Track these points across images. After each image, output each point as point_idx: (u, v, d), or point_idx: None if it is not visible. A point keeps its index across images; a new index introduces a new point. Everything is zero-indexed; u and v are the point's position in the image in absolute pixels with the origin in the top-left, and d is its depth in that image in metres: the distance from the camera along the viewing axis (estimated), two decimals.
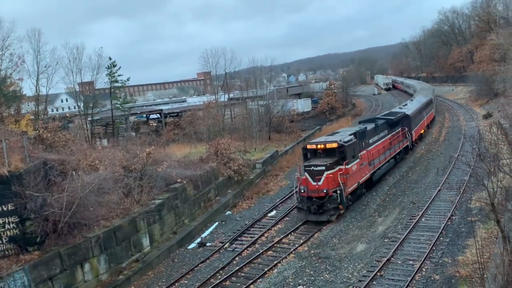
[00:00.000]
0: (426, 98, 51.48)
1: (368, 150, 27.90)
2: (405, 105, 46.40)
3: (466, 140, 36.61)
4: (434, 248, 18.79)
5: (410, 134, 37.36)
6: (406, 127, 36.23)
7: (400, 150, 34.48)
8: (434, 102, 56.85)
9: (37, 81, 42.21)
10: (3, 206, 16.47)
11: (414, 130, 38.90)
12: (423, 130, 45.00)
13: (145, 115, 69.10)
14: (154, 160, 25.55)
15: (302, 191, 24.05)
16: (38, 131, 25.80)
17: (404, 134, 35.48)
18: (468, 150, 25.90)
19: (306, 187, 23.80)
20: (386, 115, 36.67)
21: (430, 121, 50.12)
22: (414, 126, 39.14)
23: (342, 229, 22.57)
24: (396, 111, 39.53)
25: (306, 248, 20.76)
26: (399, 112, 38.31)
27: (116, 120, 52.48)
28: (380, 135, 30.65)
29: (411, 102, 47.72)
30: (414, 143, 39.46)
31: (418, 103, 46.31)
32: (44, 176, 18.07)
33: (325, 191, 23.24)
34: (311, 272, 18.27)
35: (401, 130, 34.79)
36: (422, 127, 44.13)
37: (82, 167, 20.64)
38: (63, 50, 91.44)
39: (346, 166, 24.21)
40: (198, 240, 23.42)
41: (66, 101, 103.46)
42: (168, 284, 18.70)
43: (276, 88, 75.40)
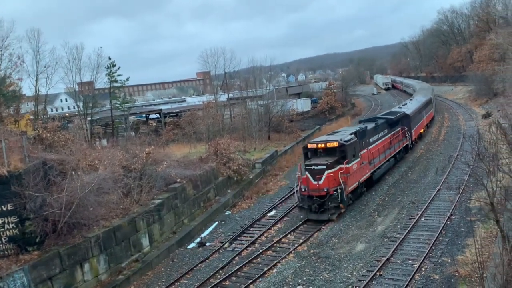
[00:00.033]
0: (426, 97, 51.53)
1: (368, 149, 27.93)
2: (404, 104, 46.41)
3: (466, 139, 36.72)
4: (433, 247, 18.81)
5: (410, 134, 37.41)
6: (406, 127, 36.27)
7: (400, 149, 34.54)
8: (433, 102, 56.91)
9: (36, 81, 42.27)
10: (3, 206, 16.47)
11: (413, 130, 38.97)
12: (423, 130, 45.07)
13: (144, 115, 69.07)
14: (153, 160, 25.55)
15: (303, 190, 24.09)
16: (37, 131, 25.76)
17: (404, 133, 35.51)
18: (467, 149, 25.96)
19: (307, 186, 23.85)
20: (386, 115, 36.69)
21: (429, 120, 50.20)
22: (413, 126, 39.21)
23: (341, 228, 22.58)
24: (396, 111, 39.58)
25: (305, 247, 20.77)
26: (399, 111, 38.35)
27: (115, 120, 52.47)
28: (380, 135, 30.69)
29: (411, 102, 47.74)
30: (413, 143, 39.55)
31: (418, 103, 46.36)
32: (43, 176, 18.07)
33: (326, 190, 23.30)
34: (311, 271, 18.28)
35: (401, 129, 34.82)
36: (421, 127, 44.20)
37: (81, 167, 20.63)
38: (63, 50, 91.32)
39: (347, 165, 24.24)
40: (198, 240, 23.42)
41: (66, 101, 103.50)
42: (167, 284, 18.70)
43: (275, 88, 75.40)
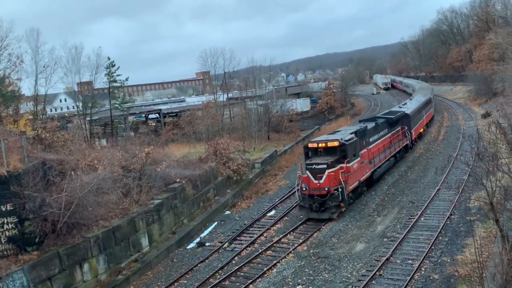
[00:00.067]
0: (425, 97, 51.58)
1: (368, 148, 27.97)
2: (404, 104, 46.45)
3: (465, 139, 36.83)
4: (433, 247, 18.80)
5: (410, 133, 37.45)
6: (406, 126, 36.30)
7: (400, 149, 34.59)
8: (433, 102, 56.98)
9: (35, 81, 42.14)
10: (2, 207, 16.46)
11: (413, 129, 39.02)
12: (423, 129, 45.12)
13: (144, 115, 69.02)
14: (153, 160, 25.55)
15: (303, 189, 24.16)
16: (36, 131, 25.74)
17: (404, 133, 35.56)
18: (467, 149, 26.01)
19: (307, 185, 23.92)
20: (386, 114, 36.72)
21: (429, 120, 50.27)
22: (413, 125, 39.25)
23: (341, 228, 22.57)
24: (395, 110, 39.63)
25: (305, 247, 20.76)
26: (399, 111, 38.39)
27: (115, 120, 52.47)
28: (380, 134, 30.73)
29: (411, 102, 47.78)
30: (413, 142, 39.59)
31: (417, 102, 46.39)
32: (42, 176, 18.07)
33: (326, 189, 23.37)
34: (310, 271, 18.27)
35: (401, 129, 34.86)
36: (421, 126, 44.24)
37: (81, 167, 20.60)
38: (62, 50, 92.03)
39: (347, 165, 24.29)
40: (197, 240, 23.40)
41: (65, 101, 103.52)
42: (167, 284, 18.69)
43: (275, 87, 75.45)
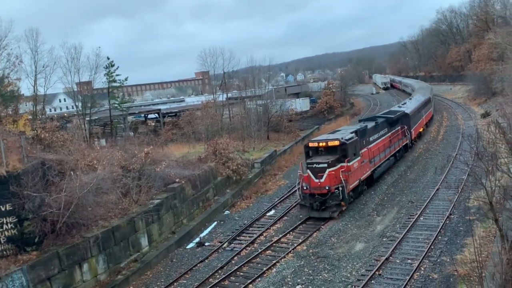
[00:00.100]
0: (425, 97, 51.63)
1: (368, 148, 28.04)
2: (404, 104, 46.50)
3: (464, 139, 36.89)
4: (432, 247, 18.82)
5: (410, 133, 37.52)
6: (406, 126, 36.37)
7: (399, 148, 34.69)
8: (432, 101, 57.08)
9: (35, 81, 42.22)
10: (1, 207, 16.44)
11: (413, 129, 39.09)
12: (422, 129, 45.20)
13: (143, 115, 68.94)
14: (152, 160, 25.54)
15: (304, 188, 24.23)
16: (36, 131, 25.74)
17: (403, 132, 35.63)
18: (466, 149, 26.01)
19: (308, 184, 23.99)
20: (386, 114, 36.79)
21: (428, 119, 50.34)
22: (413, 125, 39.31)
23: (340, 228, 22.58)
24: (395, 110, 39.73)
25: (304, 247, 20.76)
26: (399, 110, 38.48)
27: (114, 120, 52.44)
28: (380, 133, 30.81)
29: (410, 101, 47.84)
30: (413, 141, 39.65)
31: (417, 102, 46.45)
32: (42, 176, 18.05)
33: (327, 188, 23.45)
34: (310, 271, 18.28)
35: (400, 128, 34.93)
36: (421, 126, 44.31)
37: (80, 167, 20.60)
38: (61, 49, 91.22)
39: (348, 164, 24.36)
40: (197, 239, 23.41)
41: (64, 101, 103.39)
42: (166, 284, 18.69)
43: (274, 87, 75.41)
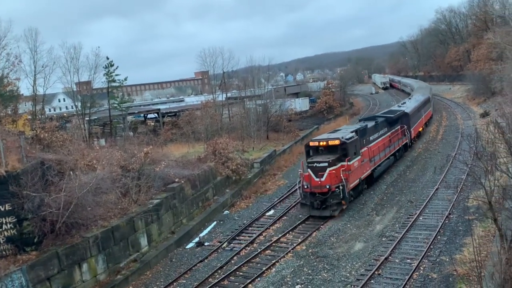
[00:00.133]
0: (424, 96, 51.73)
1: (368, 147, 28.16)
2: (403, 103, 46.62)
3: (464, 138, 36.79)
4: (431, 246, 18.84)
5: (409, 132, 37.67)
6: (405, 125, 36.50)
7: (399, 147, 34.83)
8: (431, 101, 57.19)
9: (34, 81, 42.16)
10: (0, 207, 16.44)
11: (412, 128, 39.27)
12: (422, 128, 45.30)
13: (142, 115, 68.85)
14: (152, 159, 25.54)
15: (305, 187, 24.31)
16: (35, 131, 25.73)
17: (403, 131, 35.76)
18: (465, 148, 25.98)
19: (309, 183, 24.06)
20: (385, 113, 36.94)
21: (428, 119, 50.45)
22: (412, 124, 39.46)
23: (340, 228, 22.60)
24: (395, 109, 39.87)
25: (304, 247, 20.78)
26: (398, 110, 38.65)
27: (113, 119, 52.34)
28: (380, 133, 30.93)
29: (410, 101, 47.98)
30: (412, 141, 39.79)
31: (416, 102, 46.56)
32: (41, 176, 18.04)
33: (328, 187, 23.54)
34: (309, 271, 18.29)
35: (400, 127, 35.06)
36: (420, 125, 44.41)
37: (79, 167, 20.62)
38: (60, 49, 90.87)
39: (348, 163, 24.47)
40: (196, 239, 23.42)
41: (64, 101, 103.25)
42: (166, 283, 18.69)
43: (274, 87, 75.42)
